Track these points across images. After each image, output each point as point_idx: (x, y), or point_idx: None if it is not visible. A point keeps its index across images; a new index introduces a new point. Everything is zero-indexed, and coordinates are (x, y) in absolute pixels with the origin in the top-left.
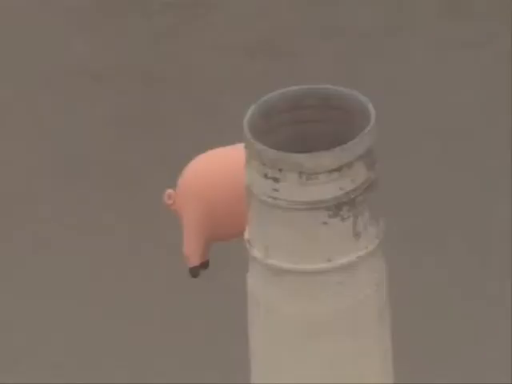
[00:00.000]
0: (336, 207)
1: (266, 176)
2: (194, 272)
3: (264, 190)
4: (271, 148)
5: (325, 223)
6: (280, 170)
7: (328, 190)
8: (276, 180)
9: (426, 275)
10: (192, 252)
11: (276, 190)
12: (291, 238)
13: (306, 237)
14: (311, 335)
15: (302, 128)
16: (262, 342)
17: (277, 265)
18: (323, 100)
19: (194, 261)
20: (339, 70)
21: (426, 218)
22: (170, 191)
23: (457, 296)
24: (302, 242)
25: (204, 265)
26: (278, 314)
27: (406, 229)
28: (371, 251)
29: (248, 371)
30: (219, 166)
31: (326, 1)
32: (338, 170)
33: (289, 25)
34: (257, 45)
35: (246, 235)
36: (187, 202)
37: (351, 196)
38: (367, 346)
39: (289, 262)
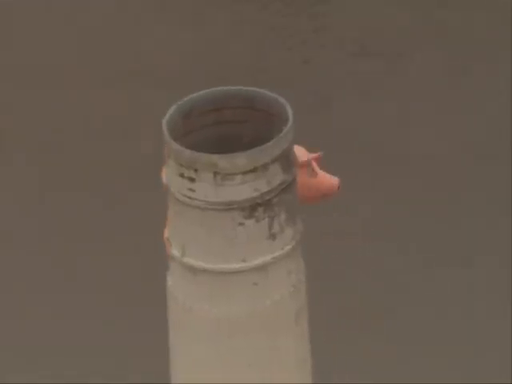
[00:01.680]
0: (251, 208)
1: (182, 176)
2: None
3: (180, 190)
4: (190, 148)
5: (240, 224)
6: (195, 170)
7: (243, 191)
8: (192, 180)
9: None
10: None
11: (192, 189)
12: (207, 238)
13: (222, 237)
14: (227, 335)
15: (225, 129)
16: (180, 341)
17: (193, 264)
18: (246, 102)
19: None
20: (446, 72)
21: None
22: None
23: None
24: (217, 242)
25: None
26: (195, 312)
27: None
28: (287, 252)
29: None
30: None
31: (439, 3)
32: (254, 171)
33: (399, 25)
34: (366, 44)
35: (165, 233)
36: None
37: (266, 197)
38: (284, 346)
39: (205, 261)
